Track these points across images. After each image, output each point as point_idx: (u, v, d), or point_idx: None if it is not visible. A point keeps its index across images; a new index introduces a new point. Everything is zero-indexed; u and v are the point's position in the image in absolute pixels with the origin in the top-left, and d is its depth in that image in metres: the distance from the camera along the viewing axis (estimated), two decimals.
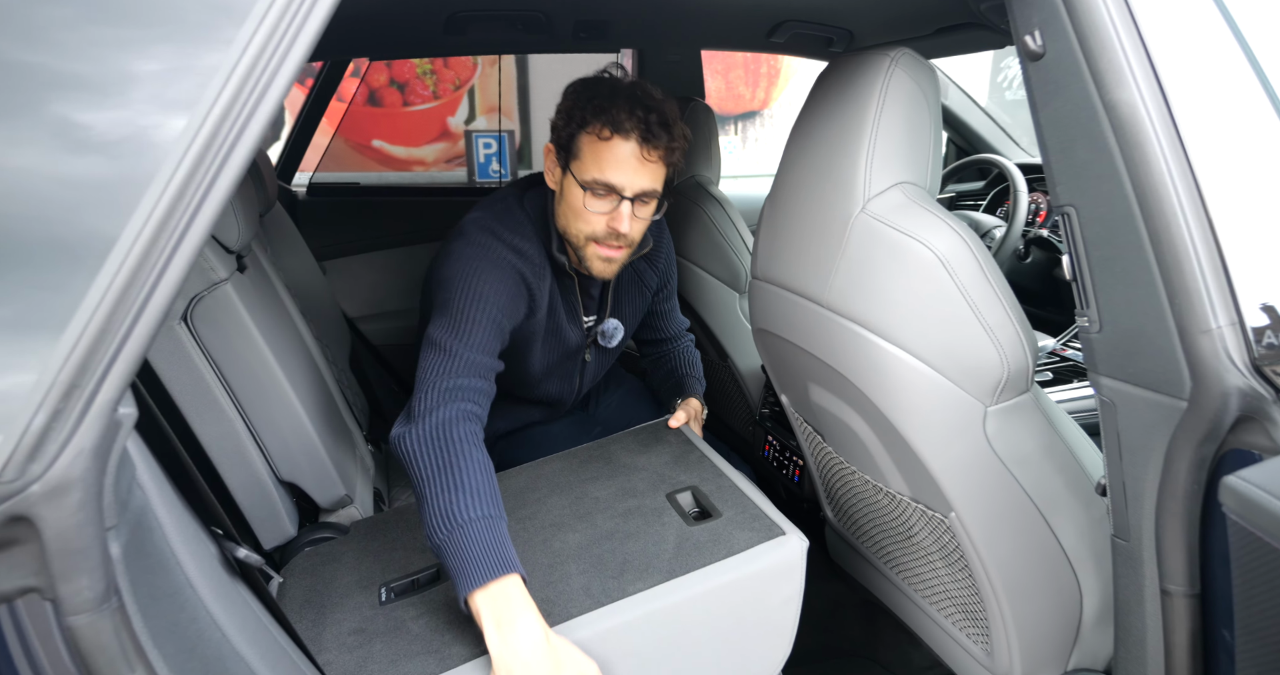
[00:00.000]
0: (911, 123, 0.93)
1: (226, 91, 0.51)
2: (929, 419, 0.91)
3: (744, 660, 0.95)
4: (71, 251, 0.49)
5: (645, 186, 1.12)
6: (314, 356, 1.44)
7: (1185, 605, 0.71)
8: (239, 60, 0.52)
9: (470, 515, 0.90)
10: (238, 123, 0.52)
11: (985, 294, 0.86)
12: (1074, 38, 0.72)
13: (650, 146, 1.10)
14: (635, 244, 1.19)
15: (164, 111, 0.51)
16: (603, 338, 1.37)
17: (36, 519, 0.46)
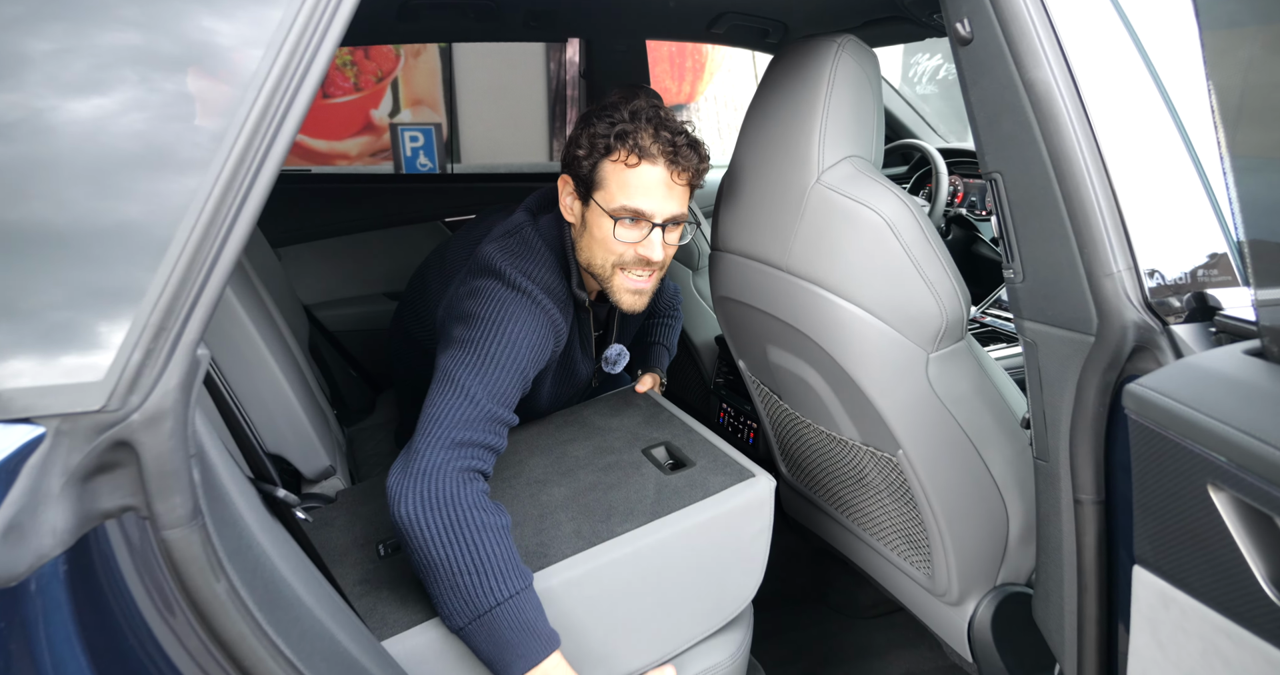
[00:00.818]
0: (858, 102, 1.04)
1: (277, 65, 0.57)
2: (879, 366, 1.02)
3: (722, 589, 1.04)
4: (152, 212, 0.53)
5: (674, 211, 1.09)
6: (289, 342, 1.46)
7: (1093, 511, 0.84)
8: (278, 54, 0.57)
9: (498, 597, 0.85)
10: (286, 95, 0.57)
11: (926, 252, 0.98)
12: (997, 25, 0.83)
13: (679, 170, 1.07)
14: (664, 270, 1.16)
15: (221, 84, 0.56)
16: (607, 364, 1.34)
17: (136, 444, 0.50)
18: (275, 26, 0.58)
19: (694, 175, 1.10)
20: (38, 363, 0.49)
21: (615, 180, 1.07)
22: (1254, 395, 0.57)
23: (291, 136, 0.59)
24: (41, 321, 0.50)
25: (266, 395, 1.14)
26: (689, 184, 1.10)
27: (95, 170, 0.53)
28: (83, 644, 0.48)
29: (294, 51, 0.58)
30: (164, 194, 0.54)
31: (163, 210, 0.53)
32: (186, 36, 0.56)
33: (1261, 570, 0.55)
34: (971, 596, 1.10)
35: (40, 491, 0.47)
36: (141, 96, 0.54)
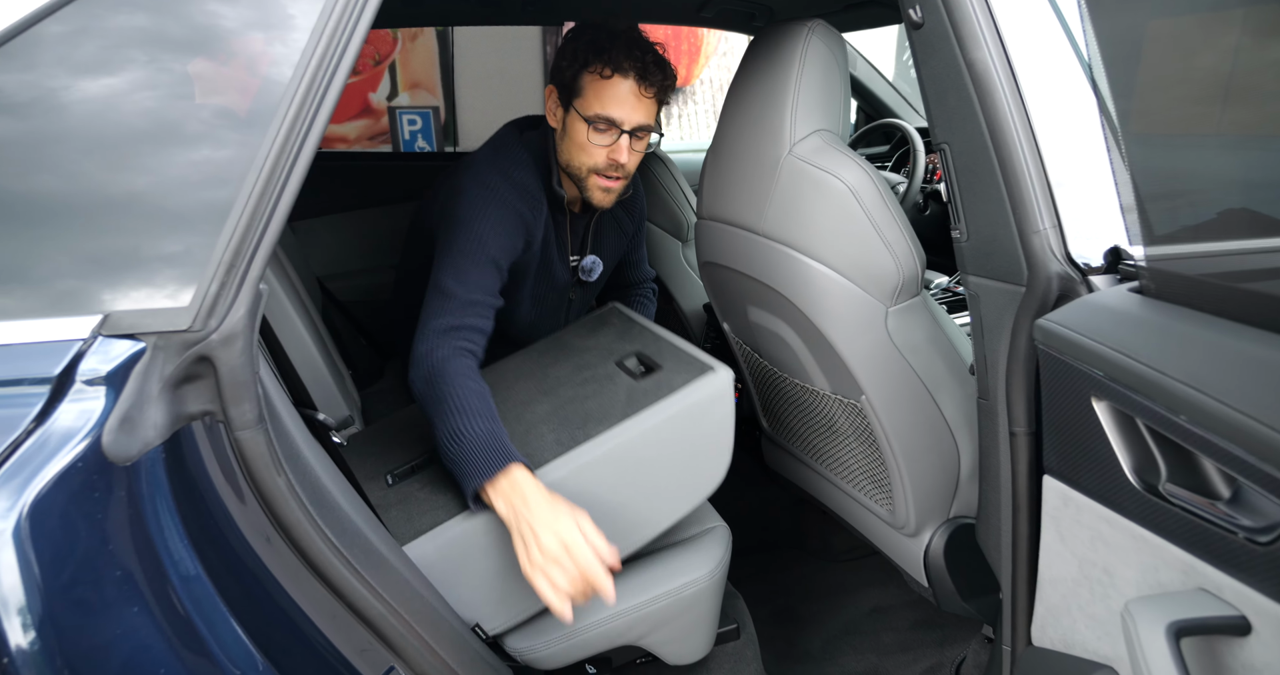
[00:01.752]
0: (826, 81, 1.15)
1: (321, 43, 0.68)
2: (844, 319, 1.14)
3: (695, 474, 1.15)
4: (221, 175, 0.64)
5: (641, 121, 1.25)
6: (308, 307, 1.57)
7: (1025, 441, 0.96)
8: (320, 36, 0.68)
9: (472, 430, 1.03)
10: (328, 69, 0.68)
11: (884, 216, 1.10)
12: (944, 11, 0.94)
13: (646, 84, 1.23)
14: (630, 176, 1.33)
15: (273, 64, 0.67)
16: (584, 272, 1.49)
17: (215, 359, 0.62)
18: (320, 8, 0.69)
19: (660, 90, 1.25)
20: (140, 291, 0.61)
21: (592, 90, 1.23)
22: (1127, 322, 0.69)
23: (333, 105, 0.70)
24: (142, 259, 0.62)
25: (291, 347, 1.26)
26: (656, 98, 1.26)
27: (171, 142, 0.64)
28: (177, 515, 0.60)
29: (335, 31, 0.69)
30: (229, 160, 0.65)
31: (229, 173, 0.65)
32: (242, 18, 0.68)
33: (1128, 464, 0.67)
34: (927, 528, 1.23)
35: (144, 392, 0.59)
36: (206, 72, 0.66)
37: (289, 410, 0.77)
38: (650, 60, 1.23)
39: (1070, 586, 0.81)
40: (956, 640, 1.48)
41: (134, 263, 0.61)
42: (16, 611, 0.47)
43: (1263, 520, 0.55)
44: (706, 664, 1.29)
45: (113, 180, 0.62)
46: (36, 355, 0.55)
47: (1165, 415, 0.62)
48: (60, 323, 0.57)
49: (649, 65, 1.23)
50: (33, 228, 0.59)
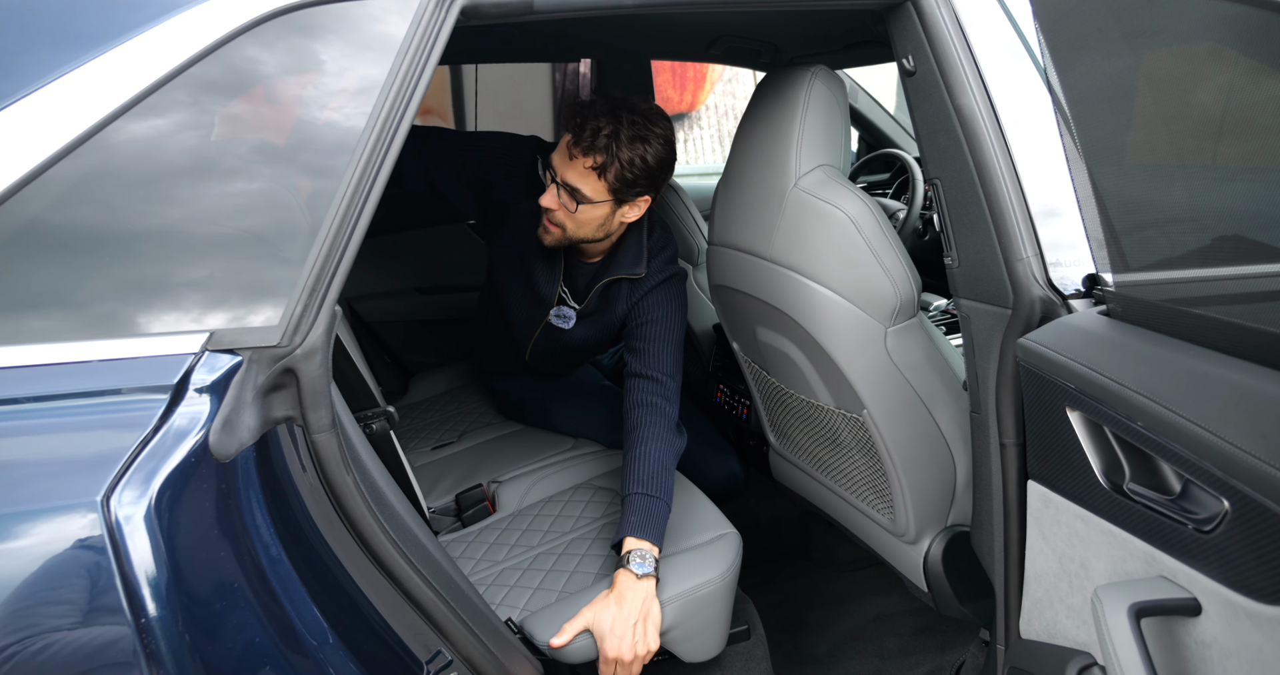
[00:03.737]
0: (828, 120, 1.26)
1: (390, 94, 0.78)
2: (846, 338, 1.23)
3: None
4: (307, 203, 0.75)
5: (568, 178, 1.28)
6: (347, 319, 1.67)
7: (1014, 451, 1.05)
8: (396, 73, 0.79)
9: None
10: (398, 112, 0.79)
11: (882, 244, 1.19)
12: (933, 61, 1.05)
13: (578, 148, 1.26)
14: (570, 232, 1.34)
15: (349, 113, 0.78)
16: (555, 316, 1.51)
17: (298, 371, 0.72)
18: (392, 56, 0.79)
19: (593, 163, 1.25)
20: (238, 313, 0.71)
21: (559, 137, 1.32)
22: (1096, 341, 0.78)
23: (399, 148, 0.80)
24: (241, 284, 0.72)
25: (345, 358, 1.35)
26: (592, 168, 1.26)
27: (265, 181, 0.75)
28: (266, 506, 0.70)
29: (402, 83, 0.79)
30: (313, 196, 0.75)
31: (314, 208, 0.75)
32: (328, 69, 0.78)
33: (1098, 467, 0.76)
34: (926, 535, 1.31)
35: (241, 399, 0.68)
36: (298, 116, 0.76)
37: (350, 418, 0.87)
38: (597, 132, 1.24)
39: (1051, 581, 0.89)
40: (956, 645, 1.55)
41: (234, 287, 0.71)
42: (149, 582, 0.56)
43: (1206, 511, 0.64)
44: (719, 662, 1.36)
45: (216, 215, 0.72)
46: (158, 367, 0.64)
47: (1126, 422, 0.71)
48: (176, 339, 0.67)
49: (586, 134, 1.24)
50: (153, 257, 0.69)
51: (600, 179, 1.28)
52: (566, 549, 1.34)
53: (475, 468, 1.65)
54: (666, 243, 1.52)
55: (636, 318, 1.46)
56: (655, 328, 1.45)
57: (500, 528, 1.44)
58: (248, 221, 0.73)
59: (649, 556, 1.20)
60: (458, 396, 2.07)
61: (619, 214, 1.36)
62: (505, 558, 1.35)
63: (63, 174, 0.65)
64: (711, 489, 1.61)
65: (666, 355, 1.44)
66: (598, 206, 1.32)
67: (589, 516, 1.43)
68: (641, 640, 1.13)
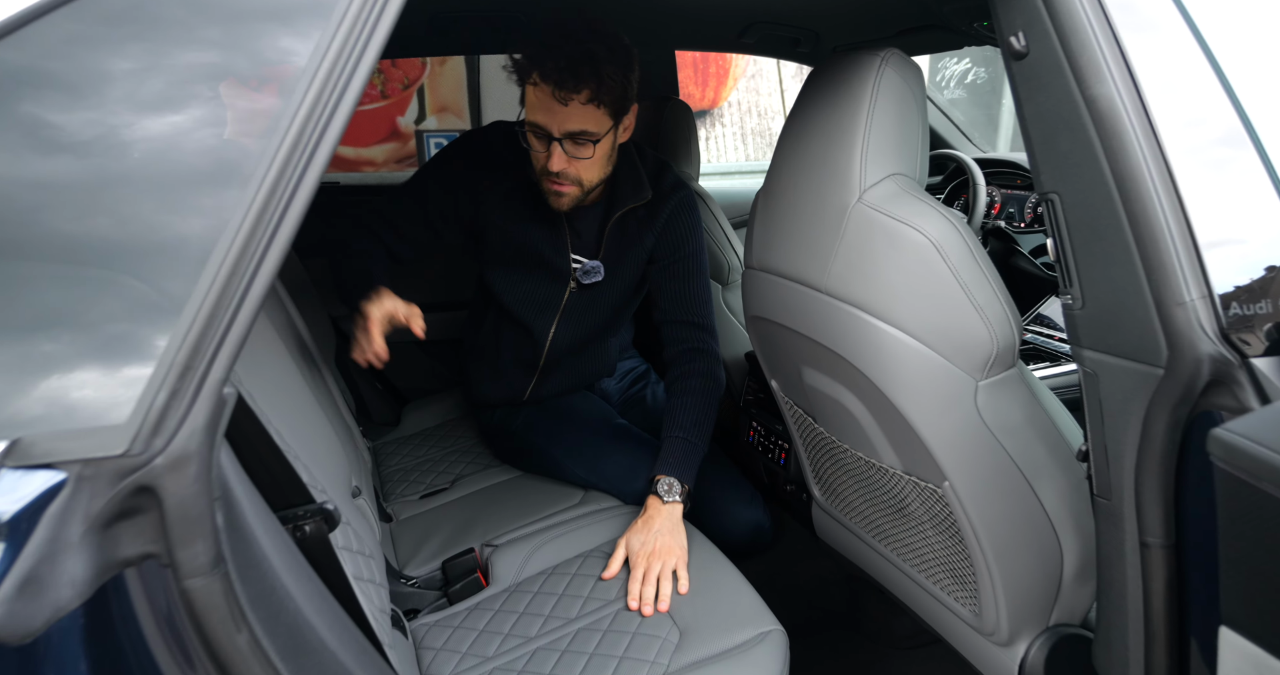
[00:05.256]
0: (902, 118, 1.00)
1: (311, 90, 0.54)
2: (924, 393, 0.98)
3: None
4: (181, 246, 0.51)
5: (572, 127, 1.18)
6: (314, 354, 1.44)
7: (1162, 556, 0.79)
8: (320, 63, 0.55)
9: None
10: (321, 118, 0.55)
11: (975, 275, 0.93)
12: (1055, 38, 0.79)
13: (566, 90, 1.15)
14: (587, 183, 1.27)
15: (251, 114, 0.54)
16: (582, 274, 1.42)
17: (159, 489, 0.48)
18: (314, 45, 0.55)
19: (592, 95, 1.16)
20: (61, 406, 0.47)
21: (528, 94, 1.20)
22: None
23: (329, 151, 0.57)
24: (65, 364, 0.48)
25: (293, 417, 1.12)
26: (595, 103, 1.17)
27: (118, 210, 0.51)
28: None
29: (332, 68, 0.55)
30: (192, 236, 0.52)
31: (195, 240, 0.51)
32: (230, 55, 0.54)
33: None
34: (1023, 637, 1.05)
35: (60, 540, 0.45)
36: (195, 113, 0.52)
37: (267, 526, 0.63)
38: (572, 63, 1.13)
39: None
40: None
41: (55, 367, 0.48)
42: None
43: None
44: None
45: (32, 245, 0.48)
46: None
47: None
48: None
49: (565, 72, 1.14)
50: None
51: (600, 108, 1.19)
52: (570, 645, 1.09)
53: (467, 525, 1.41)
54: (660, 162, 1.47)
55: (664, 254, 1.43)
56: (686, 264, 1.44)
57: (492, 608, 1.20)
58: (85, 255, 0.49)
59: (676, 486, 1.29)
60: (455, 430, 1.84)
61: (618, 137, 1.29)
62: (496, 653, 1.11)
63: None
64: (732, 542, 1.42)
65: (702, 294, 1.45)
66: (606, 138, 1.24)
67: (600, 599, 1.18)
68: (667, 547, 1.20)
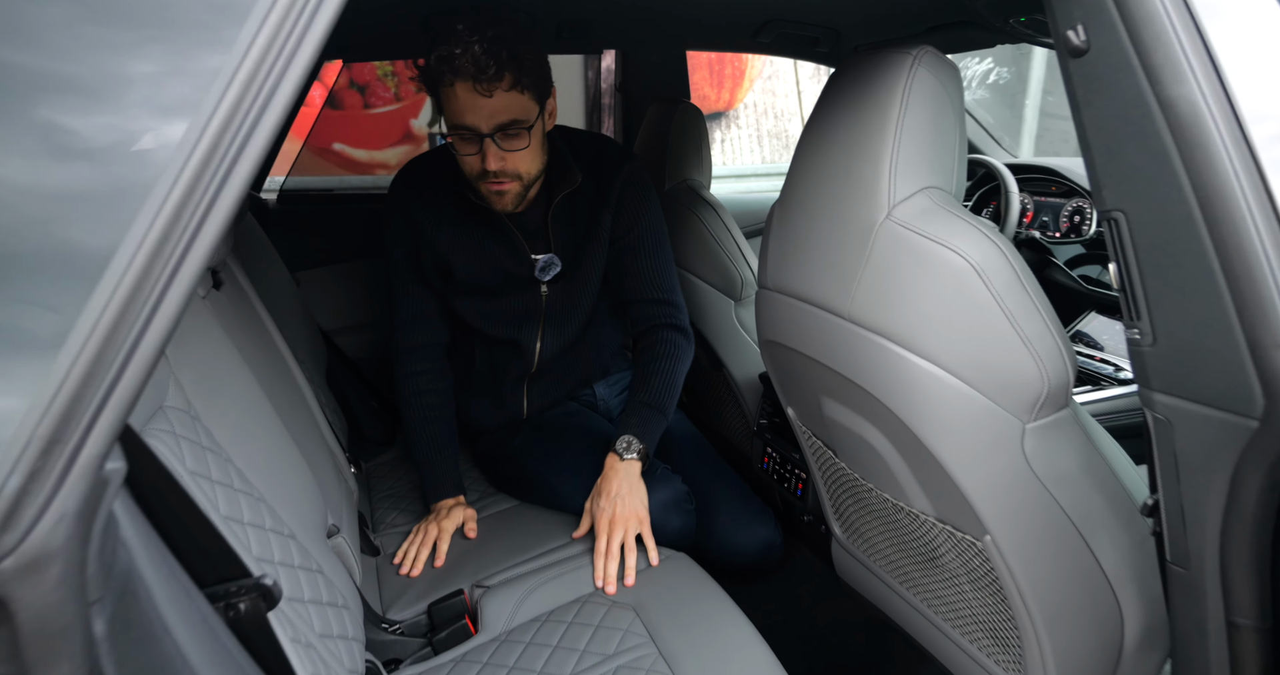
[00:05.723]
0: (936, 124, 0.88)
1: (230, 94, 0.44)
2: (962, 436, 0.86)
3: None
4: (52, 280, 0.41)
5: (502, 119, 1.13)
6: (295, 376, 1.35)
7: (1256, 640, 0.67)
8: (241, 62, 0.45)
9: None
10: (243, 128, 0.45)
11: (1022, 304, 0.82)
12: (1124, 31, 0.67)
13: (484, 83, 1.09)
14: (526, 176, 1.22)
15: (161, 117, 0.44)
16: (540, 271, 1.37)
17: (9, 599, 0.38)
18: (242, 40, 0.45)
19: (512, 82, 1.10)
20: None
21: (445, 98, 1.14)
22: None
23: (252, 167, 0.46)
24: None
25: (259, 453, 1.02)
26: (517, 89, 1.12)
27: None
28: None
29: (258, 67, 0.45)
30: (77, 244, 0.41)
31: (71, 279, 0.41)
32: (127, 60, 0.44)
33: None
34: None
35: None
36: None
37: (184, 611, 0.52)
38: (487, 54, 1.07)
39: None
40: None
41: None
42: None
43: None
44: None
45: None
46: None
47: None
48: None
49: (482, 63, 1.07)
50: None
51: (524, 93, 1.14)
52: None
53: (457, 563, 1.31)
54: (597, 138, 1.43)
55: (622, 231, 1.39)
56: (645, 239, 1.39)
57: (480, 660, 1.09)
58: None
59: (635, 443, 1.30)
60: None
61: (546, 122, 1.24)
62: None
63: None
64: (740, 562, 1.44)
65: (665, 268, 1.42)
66: (536, 126, 1.19)
67: (597, 652, 1.07)
68: (628, 512, 1.22)
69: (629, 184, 1.37)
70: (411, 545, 1.34)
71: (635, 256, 1.40)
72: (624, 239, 1.39)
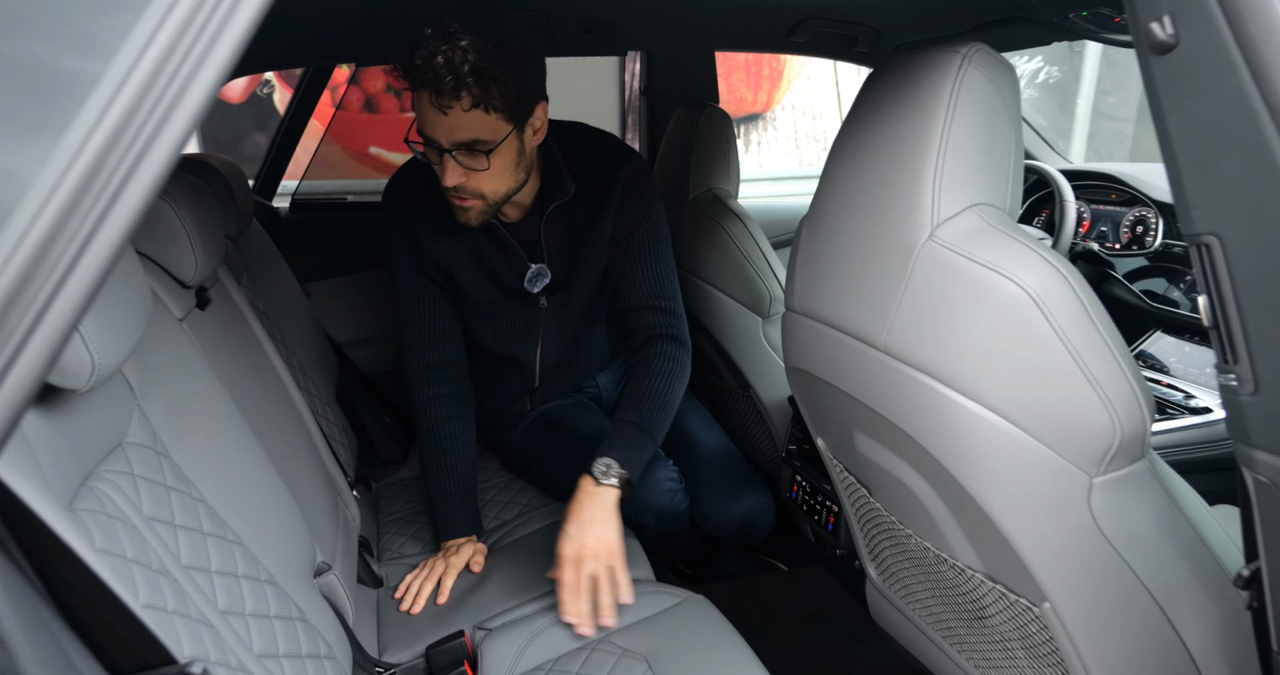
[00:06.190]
0: (988, 132, 0.77)
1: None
2: (1017, 490, 0.75)
3: None
4: None
5: (461, 137, 1.06)
6: (292, 398, 1.28)
7: None
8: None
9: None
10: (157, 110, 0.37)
11: (1090, 340, 0.70)
12: (1224, 24, 0.56)
13: (444, 98, 1.02)
14: (491, 196, 1.15)
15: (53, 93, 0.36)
16: (529, 282, 1.31)
17: None
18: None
19: (478, 99, 1.03)
20: None
21: (415, 105, 1.07)
22: None
23: (170, 156, 0.39)
24: None
25: (240, 490, 0.95)
26: (479, 108, 1.04)
27: None
28: None
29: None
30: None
31: None
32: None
33: None
34: None
35: None
36: None
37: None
38: (446, 68, 0.99)
39: None
40: None
41: None
42: None
43: None
44: None
45: None
46: None
47: None
48: None
49: (440, 77, 1.00)
50: None
51: (489, 112, 1.06)
52: None
53: (460, 601, 1.23)
54: (596, 140, 1.31)
55: (621, 234, 1.30)
56: (645, 244, 1.30)
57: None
58: None
59: (615, 468, 1.18)
60: None
61: (527, 140, 1.15)
62: None
63: None
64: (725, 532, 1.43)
65: (665, 275, 1.32)
66: (505, 145, 1.10)
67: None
68: (600, 545, 1.12)
69: (629, 187, 1.28)
70: (415, 579, 1.26)
71: (634, 261, 1.30)
72: (624, 243, 1.30)
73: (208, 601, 0.75)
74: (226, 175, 1.29)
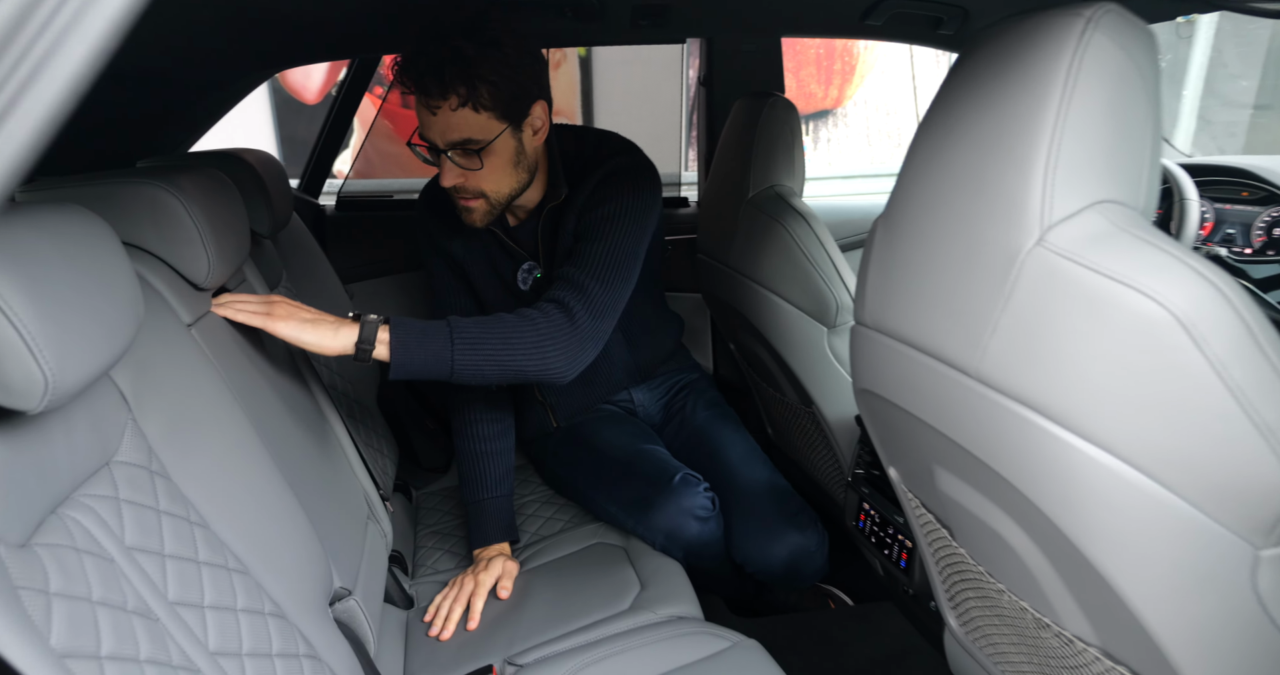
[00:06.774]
0: (1118, 112, 0.62)
1: None
2: (1150, 557, 0.60)
3: None
4: None
5: (453, 137, 1.06)
6: (320, 407, 1.22)
7: None
8: None
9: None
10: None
11: (1259, 375, 0.55)
12: None
13: (432, 98, 1.03)
14: (493, 195, 1.15)
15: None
16: (521, 281, 1.33)
17: None
18: None
19: (465, 99, 1.02)
20: None
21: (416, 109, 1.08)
22: None
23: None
24: None
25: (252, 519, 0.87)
26: (468, 107, 1.04)
27: None
28: None
29: None
30: None
31: None
32: None
33: None
34: None
35: None
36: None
37: None
38: (433, 68, 1.00)
39: None
40: None
41: None
42: None
43: None
44: None
45: None
46: None
47: None
48: None
49: (428, 77, 1.01)
50: None
51: (479, 111, 1.05)
52: None
53: (490, 629, 1.14)
54: (599, 139, 1.29)
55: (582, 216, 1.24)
56: (595, 228, 1.19)
57: None
58: None
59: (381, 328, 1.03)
60: None
61: (526, 140, 1.14)
62: None
63: None
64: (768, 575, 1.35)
65: (598, 254, 1.17)
66: (500, 143, 1.10)
67: None
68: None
69: (603, 181, 1.23)
70: (445, 600, 1.19)
71: (580, 240, 1.20)
72: (579, 224, 1.23)
73: (195, 642, 0.68)
74: (261, 171, 1.24)
